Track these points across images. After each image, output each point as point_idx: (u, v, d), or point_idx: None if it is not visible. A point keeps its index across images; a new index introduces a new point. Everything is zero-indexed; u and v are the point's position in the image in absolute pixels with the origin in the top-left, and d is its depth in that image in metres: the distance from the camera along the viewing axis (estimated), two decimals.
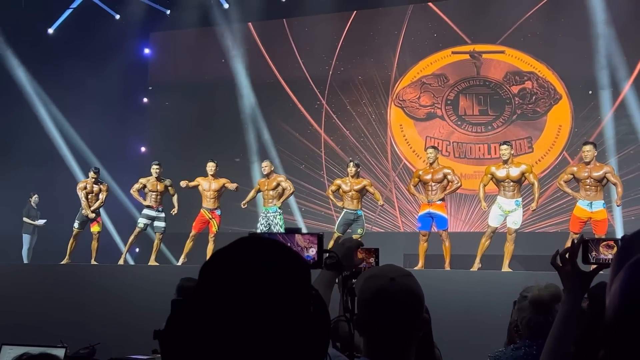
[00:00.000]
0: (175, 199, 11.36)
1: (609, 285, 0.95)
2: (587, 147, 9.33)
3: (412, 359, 1.82)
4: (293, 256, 1.19)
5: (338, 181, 10.62)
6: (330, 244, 9.88)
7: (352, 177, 10.42)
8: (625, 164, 12.53)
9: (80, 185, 11.48)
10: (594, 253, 2.06)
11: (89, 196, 11.32)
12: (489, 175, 9.65)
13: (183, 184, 11.08)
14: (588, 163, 9.27)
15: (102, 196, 11.46)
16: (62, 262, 11.07)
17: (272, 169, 11.01)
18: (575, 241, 2.05)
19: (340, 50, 14.90)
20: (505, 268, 9.22)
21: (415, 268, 9.67)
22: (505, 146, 9.58)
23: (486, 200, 9.92)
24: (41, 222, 12.95)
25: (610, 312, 0.86)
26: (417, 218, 10.15)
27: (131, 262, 12.86)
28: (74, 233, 11.33)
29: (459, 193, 12.19)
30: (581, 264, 2.02)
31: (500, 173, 9.50)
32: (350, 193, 10.32)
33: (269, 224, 10.63)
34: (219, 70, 14.88)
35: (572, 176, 9.44)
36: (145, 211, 11.22)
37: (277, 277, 1.11)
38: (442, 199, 9.86)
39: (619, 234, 10.51)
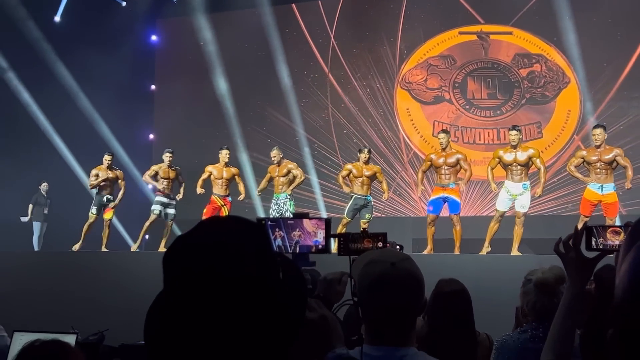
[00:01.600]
0: (183, 186, 11.38)
1: (618, 266, 0.95)
2: (597, 130, 9.28)
3: (413, 342, 1.82)
4: (251, 226, 1.20)
5: (349, 166, 10.57)
6: (339, 229, 9.88)
7: (365, 163, 10.40)
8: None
9: (94, 172, 11.41)
10: (600, 239, 2.06)
11: (104, 183, 11.28)
12: (497, 159, 9.62)
13: (199, 190, 11.09)
14: (598, 146, 9.22)
15: (121, 184, 11.47)
16: (75, 247, 11.11)
17: (282, 156, 11.01)
18: (579, 227, 2.04)
19: (339, 26, 14.75)
20: (515, 252, 9.21)
21: (424, 252, 9.68)
22: (514, 131, 9.54)
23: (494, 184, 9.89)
24: (24, 219, 12.99)
25: (619, 291, 0.86)
26: (429, 202, 10.09)
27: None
28: (91, 219, 11.31)
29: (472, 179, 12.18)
30: (584, 251, 2.02)
31: (508, 157, 9.47)
32: (360, 179, 10.30)
33: (280, 210, 10.67)
34: (226, 57, 14.84)
35: (582, 160, 9.39)
36: (158, 198, 11.29)
37: (235, 249, 1.13)
38: (456, 184, 9.84)
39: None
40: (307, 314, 1.48)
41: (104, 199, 11.30)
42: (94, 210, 11.31)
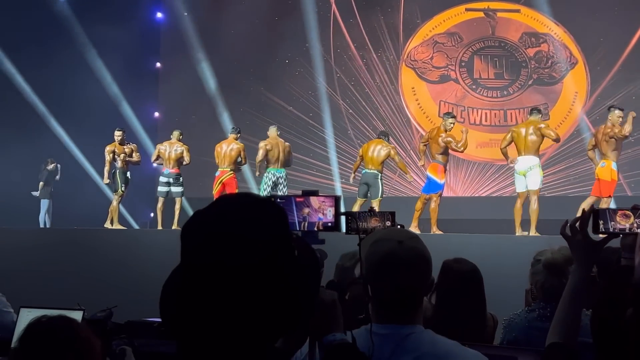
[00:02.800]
0: (186, 161, 11.30)
1: (637, 247, 0.94)
2: (618, 112, 9.16)
3: (420, 320, 1.82)
4: (268, 205, 1.20)
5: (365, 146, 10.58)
6: (355, 208, 9.85)
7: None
8: None
9: (108, 148, 11.31)
10: (608, 223, 2.05)
11: (121, 157, 11.23)
12: (510, 136, 9.55)
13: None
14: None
15: (135, 156, 11.43)
16: (111, 227, 11.12)
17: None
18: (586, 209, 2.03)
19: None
20: (533, 232, 9.11)
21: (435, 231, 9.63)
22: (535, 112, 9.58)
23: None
24: (35, 193, 13.06)
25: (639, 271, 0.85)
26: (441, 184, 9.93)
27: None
28: (119, 196, 11.27)
29: (474, 160, 12.14)
30: (591, 234, 2.01)
31: (520, 131, 9.43)
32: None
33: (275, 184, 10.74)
34: (231, 34, 14.75)
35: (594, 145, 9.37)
36: (161, 178, 11.26)
37: (253, 226, 1.14)
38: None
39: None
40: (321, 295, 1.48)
41: (127, 174, 11.27)
42: (122, 187, 11.22)
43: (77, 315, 3.24)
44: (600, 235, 2.04)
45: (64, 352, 2.07)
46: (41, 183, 13.04)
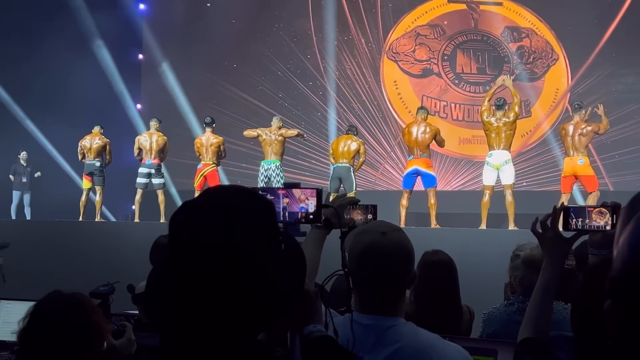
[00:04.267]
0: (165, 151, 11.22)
1: (616, 238, 0.95)
2: (584, 110, 9.36)
3: (402, 313, 1.84)
4: (258, 198, 1.21)
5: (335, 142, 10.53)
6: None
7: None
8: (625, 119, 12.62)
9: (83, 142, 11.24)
10: (587, 220, 2.06)
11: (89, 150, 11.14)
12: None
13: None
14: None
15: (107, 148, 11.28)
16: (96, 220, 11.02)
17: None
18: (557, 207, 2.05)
19: None
20: (512, 226, 9.14)
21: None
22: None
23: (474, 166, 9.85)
24: (38, 173, 13.02)
25: (618, 262, 0.86)
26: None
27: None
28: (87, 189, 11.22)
29: (459, 157, 12.16)
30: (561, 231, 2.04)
31: (493, 121, 9.41)
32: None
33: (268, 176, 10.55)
34: (215, 25, 14.68)
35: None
36: (141, 169, 11.07)
37: (242, 218, 1.14)
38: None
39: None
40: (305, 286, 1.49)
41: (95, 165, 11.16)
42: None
43: None
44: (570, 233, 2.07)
45: (73, 336, 2.07)
46: (11, 176, 12.91)
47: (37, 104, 13.59)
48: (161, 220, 10.62)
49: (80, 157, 11.35)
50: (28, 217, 12.69)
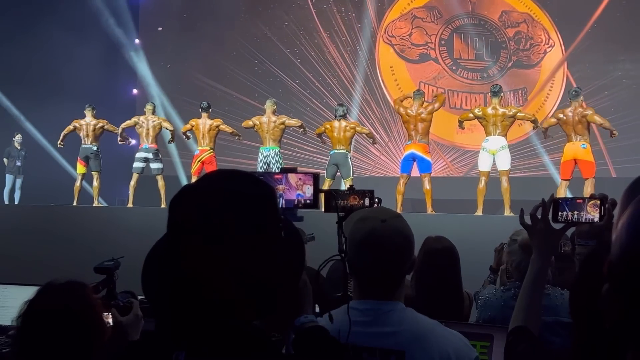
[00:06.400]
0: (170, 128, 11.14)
1: (615, 223, 0.95)
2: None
3: (401, 298, 1.85)
4: (259, 184, 1.21)
5: (327, 125, 10.39)
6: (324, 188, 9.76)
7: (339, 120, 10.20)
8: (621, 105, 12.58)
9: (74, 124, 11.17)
10: (581, 212, 2.06)
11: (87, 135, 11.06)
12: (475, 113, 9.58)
13: (185, 129, 10.89)
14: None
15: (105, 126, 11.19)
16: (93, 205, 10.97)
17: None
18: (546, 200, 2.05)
19: None
20: (507, 212, 9.14)
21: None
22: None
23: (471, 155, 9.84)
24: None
25: (616, 247, 0.86)
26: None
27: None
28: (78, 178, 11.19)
29: (458, 147, 12.13)
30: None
31: (489, 110, 9.40)
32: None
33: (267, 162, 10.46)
34: (211, 10, 14.62)
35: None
36: (138, 154, 10.96)
37: (243, 203, 1.14)
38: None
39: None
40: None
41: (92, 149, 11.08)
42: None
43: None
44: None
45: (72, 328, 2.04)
46: (5, 159, 12.83)
47: (28, 88, 13.51)
48: (162, 206, 10.45)
49: (60, 139, 11.22)
50: (16, 202, 12.54)
